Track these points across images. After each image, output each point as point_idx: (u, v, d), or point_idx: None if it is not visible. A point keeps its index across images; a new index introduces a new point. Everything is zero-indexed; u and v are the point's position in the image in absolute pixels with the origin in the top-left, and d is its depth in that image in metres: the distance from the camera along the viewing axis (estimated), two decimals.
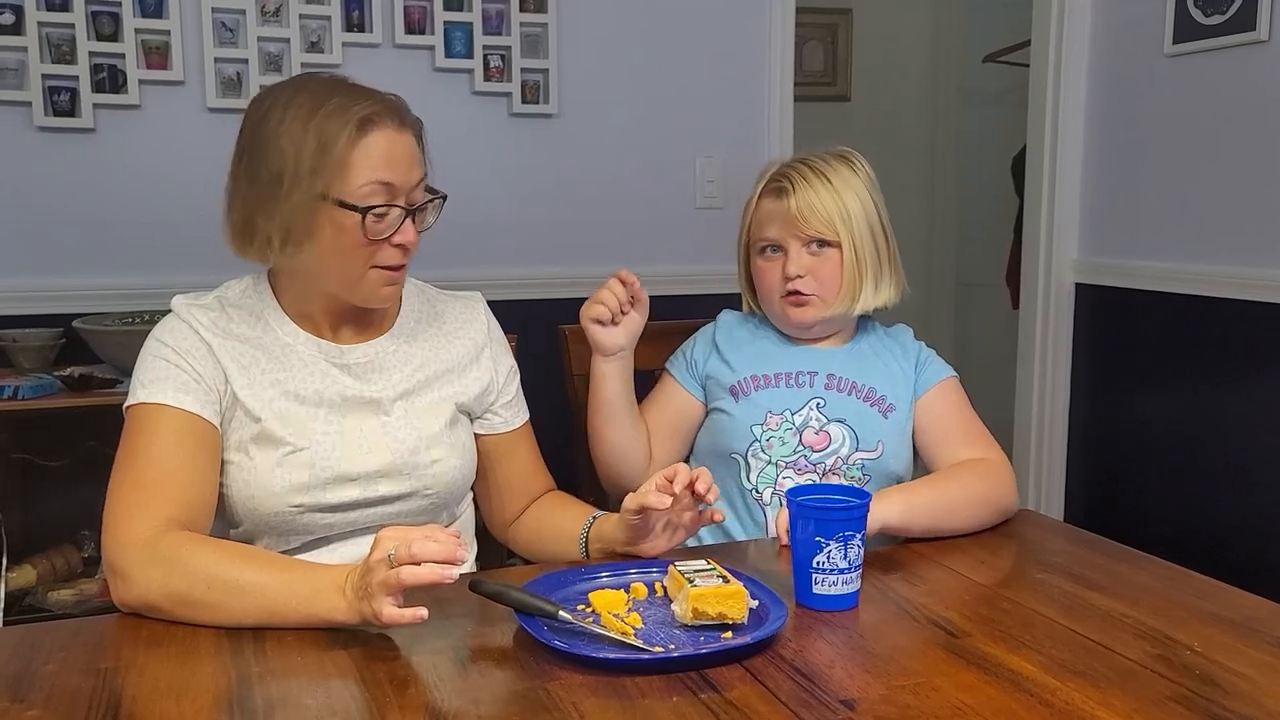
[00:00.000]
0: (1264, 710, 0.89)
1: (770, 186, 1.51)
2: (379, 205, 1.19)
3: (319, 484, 1.25)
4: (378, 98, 1.23)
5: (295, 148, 1.17)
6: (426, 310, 1.39)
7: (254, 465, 1.24)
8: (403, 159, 1.22)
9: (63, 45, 2.35)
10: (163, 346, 1.24)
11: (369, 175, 1.18)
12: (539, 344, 1.46)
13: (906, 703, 0.90)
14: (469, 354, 1.38)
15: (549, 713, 0.89)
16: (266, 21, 2.47)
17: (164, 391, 1.20)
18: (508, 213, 2.71)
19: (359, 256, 1.22)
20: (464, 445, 1.36)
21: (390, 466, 1.28)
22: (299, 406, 1.26)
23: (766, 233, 1.50)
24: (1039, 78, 2.83)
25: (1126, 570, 1.24)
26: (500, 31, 2.64)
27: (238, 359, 1.25)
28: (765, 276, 1.51)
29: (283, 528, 1.26)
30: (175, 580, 1.07)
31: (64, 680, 0.95)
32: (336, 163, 1.17)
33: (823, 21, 4.10)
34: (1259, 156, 2.31)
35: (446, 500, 1.35)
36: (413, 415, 1.31)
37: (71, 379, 2.10)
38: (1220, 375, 2.43)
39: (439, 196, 1.28)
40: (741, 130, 2.87)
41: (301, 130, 1.17)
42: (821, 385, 1.49)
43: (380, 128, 1.20)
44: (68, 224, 2.40)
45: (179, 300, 1.28)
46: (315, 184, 1.17)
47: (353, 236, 1.20)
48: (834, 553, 1.10)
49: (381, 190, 1.19)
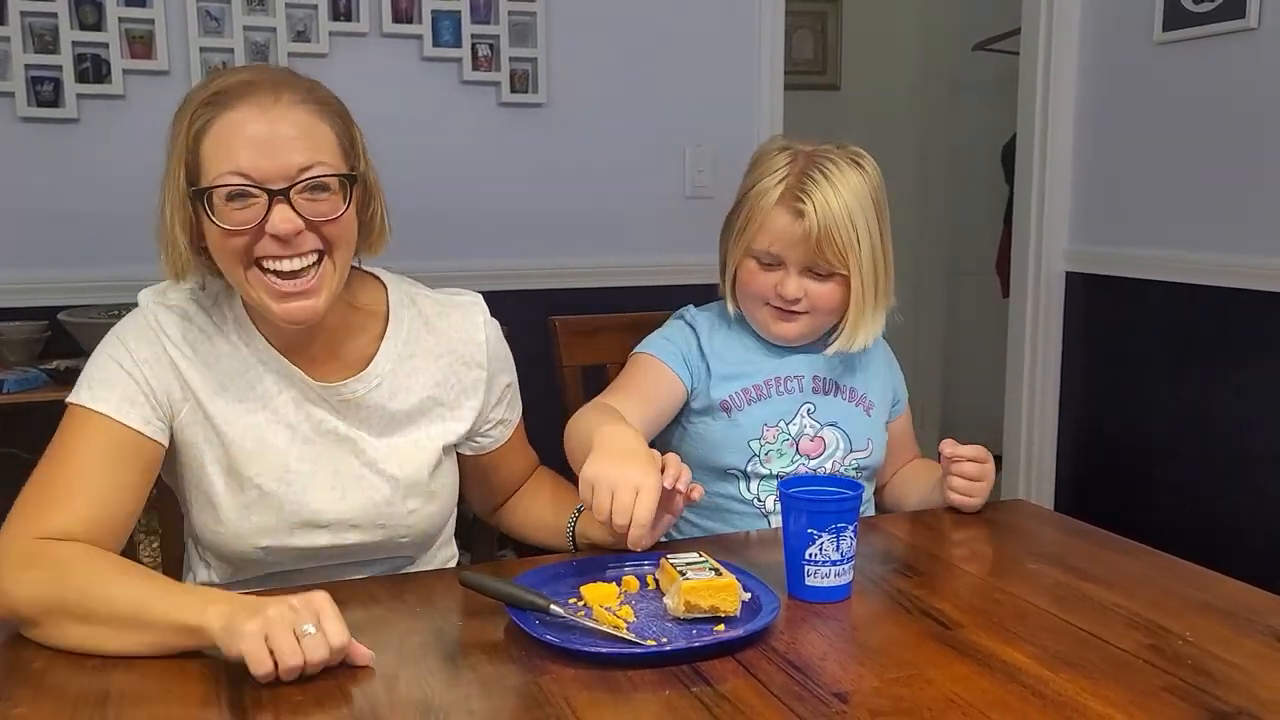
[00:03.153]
0: (1256, 700, 0.89)
1: (788, 201, 1.39)
2: (228, 187, 1.05)
3: (286, 528, 1.18)
4: (253, 75, 1.09)
5: (171, 141, 1.10)
6: (418, 325, 1.26)
7: (220, 504, 1.17)
8: (267, 140, 1.06)
9: (45, 34, 2.32)
10: (120, 349, 1.15)
11: (222, 165, 1.06)
12: (527, 335, 1.45)
13: (899, 695, 0.90)
14: (462, 383, 1.27)
15: (541, 707, 0.88)
16: (252, 10, 2.45)
17: (108, 400, 1.12)
18: (496, 203, 2.69)
19: (233, 256, 1.09)
20: (445, 488, 1.27)
21: (363, 516, 1.20)
22: (270, 438, 1.17)
23: (772, 247, 1.41)
24: (1029, 66, 2.83)
25: (1119, 560, 1.24)
26: (488, 20, 2.62)
27: (206, 379, 1.16)
28: (755, 282, 1.44)
29: (249, 566, 1.20)
30: (45, 587, 0.99)
31: (52, 678, 0.94)
32: (193, 153, 1.07)
33: (812, 10, 4.09)
34: (1249, 143, 2.31)
35: (422, 543, 1.28)
36: (393, 459, 1.21)
37: (57, 372, 2.09)
38: (1211, 363, 2.44)
39: (341, 175, 1.10)
40: (731, 119, 2.86)
41: (175, 122, 1.10)
42: (809, 388, 1.48)
43: (237, 107, 1.06)
44: (52, 216, 2.38)
45: (146, 296, 1.19)
46: (180, 177, 1.09)
47: (218, 235, 1.08)
48: (826, 544, 1.09)
49: (237, 178, 1.06)
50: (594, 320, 1.72)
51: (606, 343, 1.70)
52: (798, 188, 1.39)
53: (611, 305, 1.94)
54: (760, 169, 1.45)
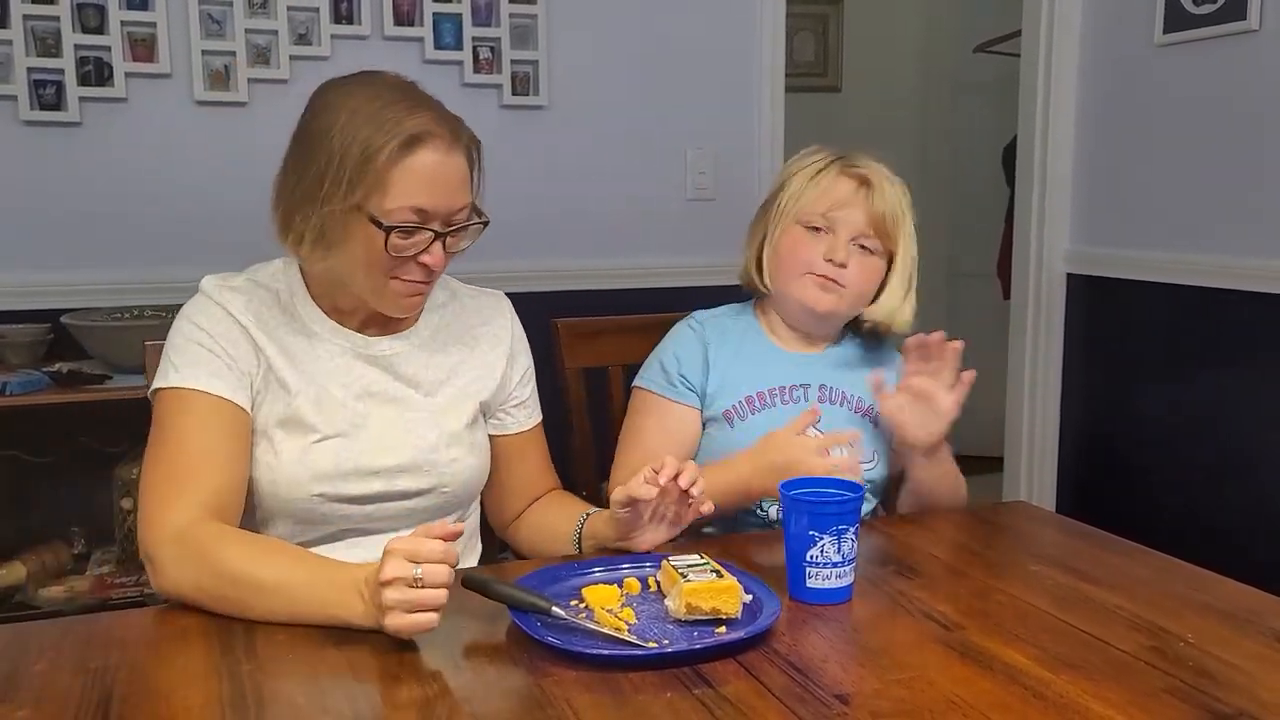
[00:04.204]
0: (1258, 701, 0.90)
1: (851, 171, 1.46)
2: (407, 225, 1.18)
3: (342, 474, 1.25)
4: (435, 115, 1.20)
5: (341, 153, 1.16)
6: (453, 305, 1.38)
7: (279, 451, 1.23)
8: (444, 183, 1.19)
9: (48, 38, 2.33)
10: (195, 329, 1.22)
11: (405, 199, 1.17)
12: (529, 337, 1.45)
13: (901, 696, 0.90)
14: (492, 352, 1.38)
15: (542, 709, 0.88)
16: (254, 13, 2.45)
17: (196, 376, 1.20)
18: (498, 204, 2.67)
19: (380, 269, 1.20)
20: (481, 445, 1.36)
21: (412, 462, 1.28)
22: (329, 393, 1.25)
23: (830, 210, 1.45)
24: (1030, 68, 2.83)
25: (1120, 562, 1.24)
26: (490, 22, 2.62)
27: (275, 340, 1.25)
28: (803, 248, 1.46)
29: (301, 516, 1.25)
30: (203, 578, 1.08)
31: (54, 680, 0.95)
32: (375, 178, 1.15)
33: (814, 12, 4.09)
34: (1250, 145, 2.31)
35: (461, 499, 1.35)
36: (435, 412, 1.31)
37: (60, 374, 2.09)
38: (1212, 365, 2.44)
39: (480, 221, 1.26)
40: (732, 121, 2.86)
41: (351, 136, 1.16)
42: (815, 396, 1.48)
43: (427, 148, 1.17)
44: (55, 219, 2.38)
45: (209, 281, 1.27)
46: (352, 194, 1.16)
47: (377, 251, 1.18)
48: (827, 546, 1.09)
49: (415, 215, 1.18)
50: (596, 322, 1.73)
51: (609, 345, 1.71)
52: (851, 163, 1.46)
53: (613, 307, 1.94)
54: (797, 163, 1.50)
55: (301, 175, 1.19)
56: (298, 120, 1.23)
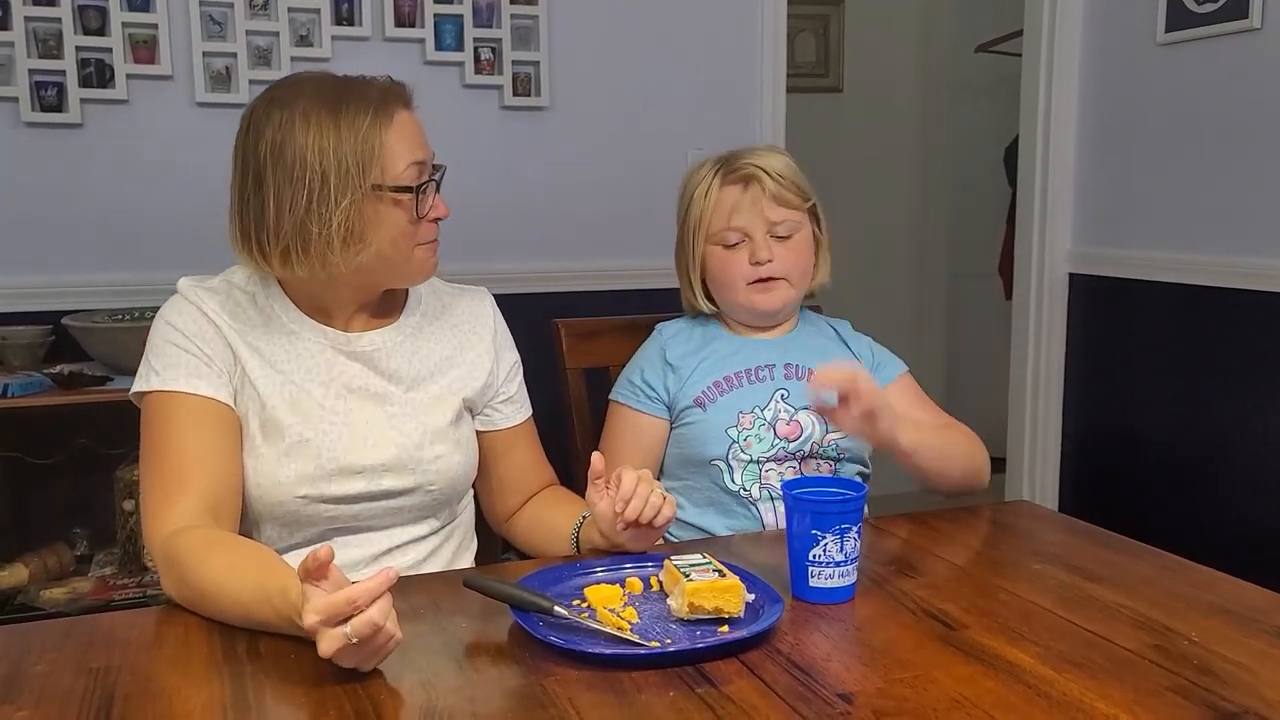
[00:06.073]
0: (1262, 699, 0.89)
1: (731, 177, 1.50)
2: (425, 181, 1.23)
3: (324, 475, 1.24)
4: (377, 83, 1.24)
5: (333, 149, 1.17)
6: (434, 302, 1.39)
7: (260, 454, 1.23)
8: (420, 134, 1.25)
9: (49, 40, 2.33)
10: (171, 330, 1.23)
11: (405, 157, 1.21)
12: (529, 337, 1.46)
13: (904, 695, 0.90)
14: (475, 347, 1.38)
15: (545, 709, 0.88)
16: (255, 15, 2.45)
17: (177, 378, 1.20)
18: (499, 206, 2.70)
19: (408, 238, 1.24)
20: (467, 441, 1.36)
21: (395, 460, 1.27)
22: (306, 394, 1.25)
23: (734, 221, 1.49)
24: (1031, 68, 2.83)
25: (1123, 561, 1.24)
26: (491, 24, 2.63)
27: (248, 342, 1.24)
28: (729, 267, 1.50)
29: (287, 518, 1.25)
30: (181, 588, 1.10)
31: (55, 681, 0.95)
32: (377, 152, 1.19)
33: (814, 13, 4.09)
34: (1252, 144, 2.31)
35: (449, 496, 1.34)
36: (418, 409, 1.30)
37: (61, 376, 2.09)
38: (1214, 364, 2.43)
39: (443, 167, 1.29)
40: (734, 122, 2.86)
41: (332, 131, 1.17)
42: (781, 375, 1.51)
43: (398, 109, 1.22)
44: (56, 220, 2.38)
45: (185, 282, 1.27)
46: (366, 178, 1.18)
47: (404, 220, 1.22)
48: (830, 545, 1.09)
49: (417, 169, 1.22)
50: (596, 322, 1.73)
51: (609, 345, 1.71)
52: (732, 164, 1.50)
53: (614, 308, 1.95)
54: (690, 181, 1.56)
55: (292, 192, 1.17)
56: (243, 148, 1.21)
